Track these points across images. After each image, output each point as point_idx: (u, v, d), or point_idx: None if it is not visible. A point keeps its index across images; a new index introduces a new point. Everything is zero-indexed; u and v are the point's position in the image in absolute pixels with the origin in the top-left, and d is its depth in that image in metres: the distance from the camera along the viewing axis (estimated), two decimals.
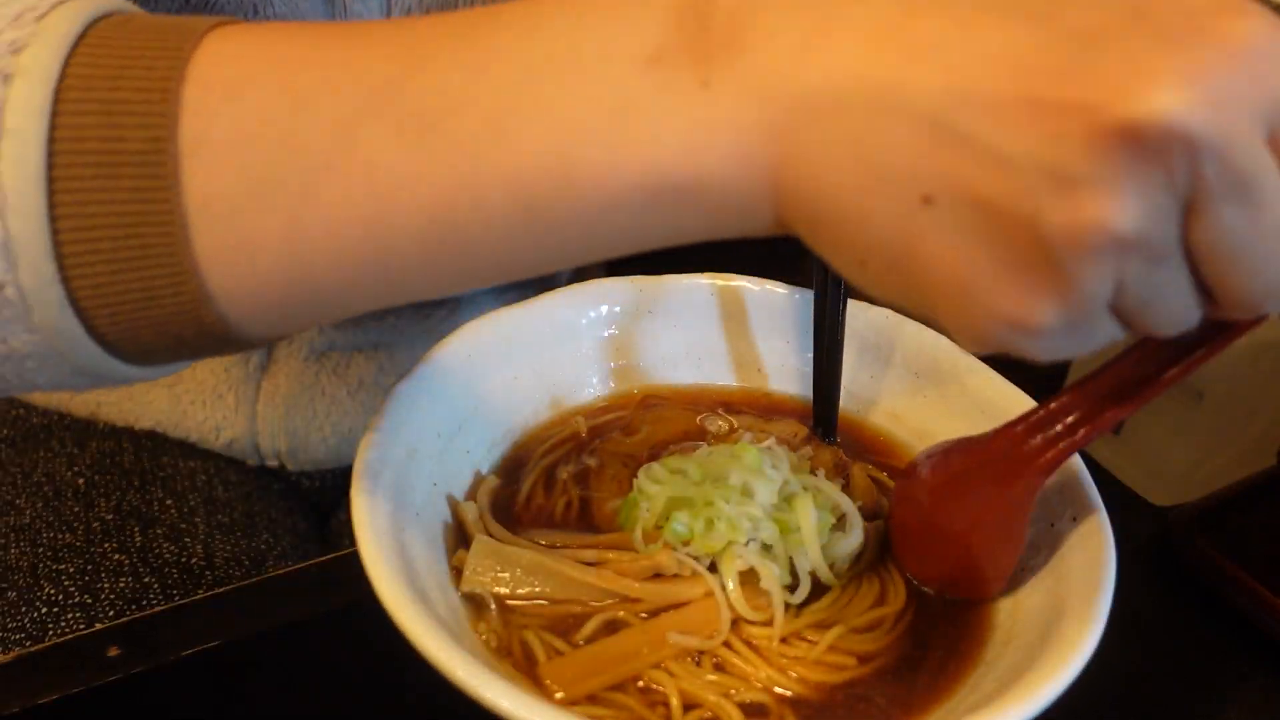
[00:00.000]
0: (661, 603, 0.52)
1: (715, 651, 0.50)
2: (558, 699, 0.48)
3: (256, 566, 0.82)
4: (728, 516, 0.52)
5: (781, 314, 0.66)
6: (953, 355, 0.63)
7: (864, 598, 0.54)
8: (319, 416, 0.89)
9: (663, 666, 0.50)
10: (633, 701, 0.49)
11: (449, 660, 0.43)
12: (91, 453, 0.86)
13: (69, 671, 0.56)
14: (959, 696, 0.49)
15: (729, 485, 0.53)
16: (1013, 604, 0.53)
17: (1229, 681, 0.63)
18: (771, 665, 0.50)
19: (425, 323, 0.91)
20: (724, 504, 0.52)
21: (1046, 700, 0.44)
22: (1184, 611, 0.66)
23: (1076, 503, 0.54)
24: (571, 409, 0.64)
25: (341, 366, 0.89)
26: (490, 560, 0.52)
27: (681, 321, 0.66)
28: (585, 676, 0.49)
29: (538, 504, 0.58)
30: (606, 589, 0.52)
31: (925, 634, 0.53)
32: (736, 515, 0.52)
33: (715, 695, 0.49)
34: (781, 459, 0.56)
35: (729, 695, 0.49)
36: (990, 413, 0.60)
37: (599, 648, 0.50)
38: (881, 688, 0.50)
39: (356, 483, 0.49)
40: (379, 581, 0.45)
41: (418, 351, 0.91)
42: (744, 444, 0.56)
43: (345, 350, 0.89)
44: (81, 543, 0.78)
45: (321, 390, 0.89)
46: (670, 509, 0.54)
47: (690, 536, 0.53)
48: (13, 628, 0.73)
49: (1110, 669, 0.47)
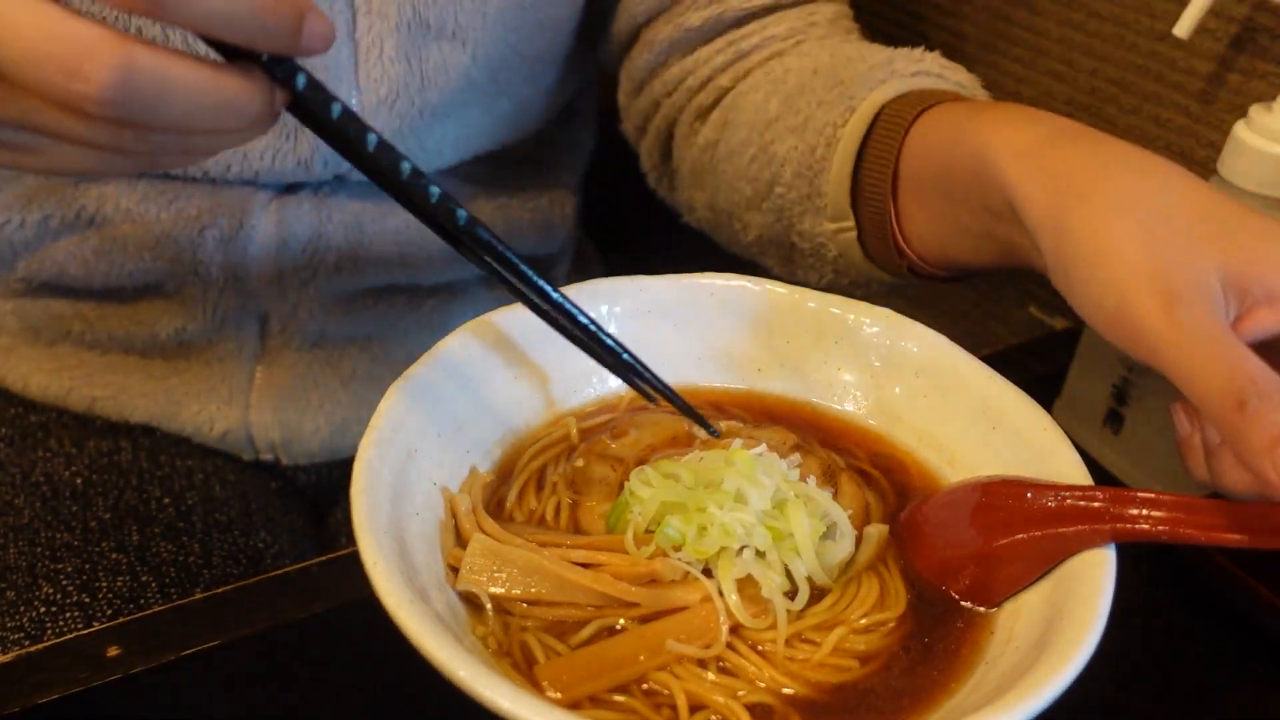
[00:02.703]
0: (659, 608, 0.52)
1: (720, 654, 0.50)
2: (553, 700, 0.48)
3: (254, 564, 0.82)
4: (720, 523, 0.52)
5: (781, 314, 0.66)
6: (953, 355, 0.63)
7: (864, 600, 0.54)
8: (312, 408, 0.89)
9: (667, 668, 0.50)
10: (637, 703, 0.48)
11: (449, 660, 0.43)
12: (89, 452, 0.86)
13: (68, 671, 0.56)
14: (960, 696, 0.49)
15: (722, 491, 0.53)
16: (1013, 605, 0.53)
17: (1229, 681, 0.63)
18: (776, 667, 0.50)
19: (417, 313, 0.91)
20: (716, 510, 0.52)
21: (1046, 700, 0.44)
22: (1184, 611, 0.66)
23: None
24: (566, 410, 0.64)
25: (335, 357, 0.89)
26: (487, 559, 0.52)
27: (681, 321, 0.66)
28: (583, 680, 0.49)
29: (529, 506, 0.58)
30: (603, 592, 0.52)
31: (926, 634, 0.53)
32: (730, 521, 0.52)
33: (723, 696, 0.49)
34: (773, 465, 0.56)
35: (736, 696, 0.49)
36: (990, 412, 0.60)
37: (597, 650, 0.50)
38: (884, 687, 0.50)
39: (356, 482, 0.49)
40: (379, 581, 0.45)
41: (411, 342, 0.92)
42: (738, 449, 0.56)
43: (338, 341, 0.89)
44: (79, 542, 0.78)
45: (315, 381, 0.89)
46: (663, 513, 0.54)
47: (681, 541, 0.52)
48: (11, 627, 0.73)
49: (1110, 669, 0.47)
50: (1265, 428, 0.44)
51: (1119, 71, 0.92)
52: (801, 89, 0.77)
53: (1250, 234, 0.50)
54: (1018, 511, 0.53)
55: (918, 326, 0.65)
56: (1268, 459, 0.44)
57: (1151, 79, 0.90)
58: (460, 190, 0.90)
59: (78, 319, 0.87)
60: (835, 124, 0.72)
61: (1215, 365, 0.47)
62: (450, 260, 0.90)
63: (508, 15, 0.81)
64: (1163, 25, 0.86)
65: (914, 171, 0.69)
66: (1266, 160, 0.68)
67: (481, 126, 0.87)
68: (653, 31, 0.86)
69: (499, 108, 0.87)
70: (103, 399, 0.88)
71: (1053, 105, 0.98)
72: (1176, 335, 0.48)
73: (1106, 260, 0.51)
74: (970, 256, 0.68)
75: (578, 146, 1.03)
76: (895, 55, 0.75)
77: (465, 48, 0.80)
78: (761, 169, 0.78)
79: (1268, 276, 0.49)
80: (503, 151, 0.91)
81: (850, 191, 0.72)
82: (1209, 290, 0.49)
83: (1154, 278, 0.49)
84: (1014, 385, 0.61)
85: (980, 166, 0.60)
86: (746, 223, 0.82)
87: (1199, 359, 0.47)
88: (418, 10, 0.78)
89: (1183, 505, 0.49)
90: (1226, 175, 0.69)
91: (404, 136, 0.81)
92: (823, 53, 0.79)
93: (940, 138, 0.67)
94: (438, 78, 0.80)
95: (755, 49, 0.83)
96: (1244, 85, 0.83)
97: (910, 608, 0.54)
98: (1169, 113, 0.89)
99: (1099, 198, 0.53)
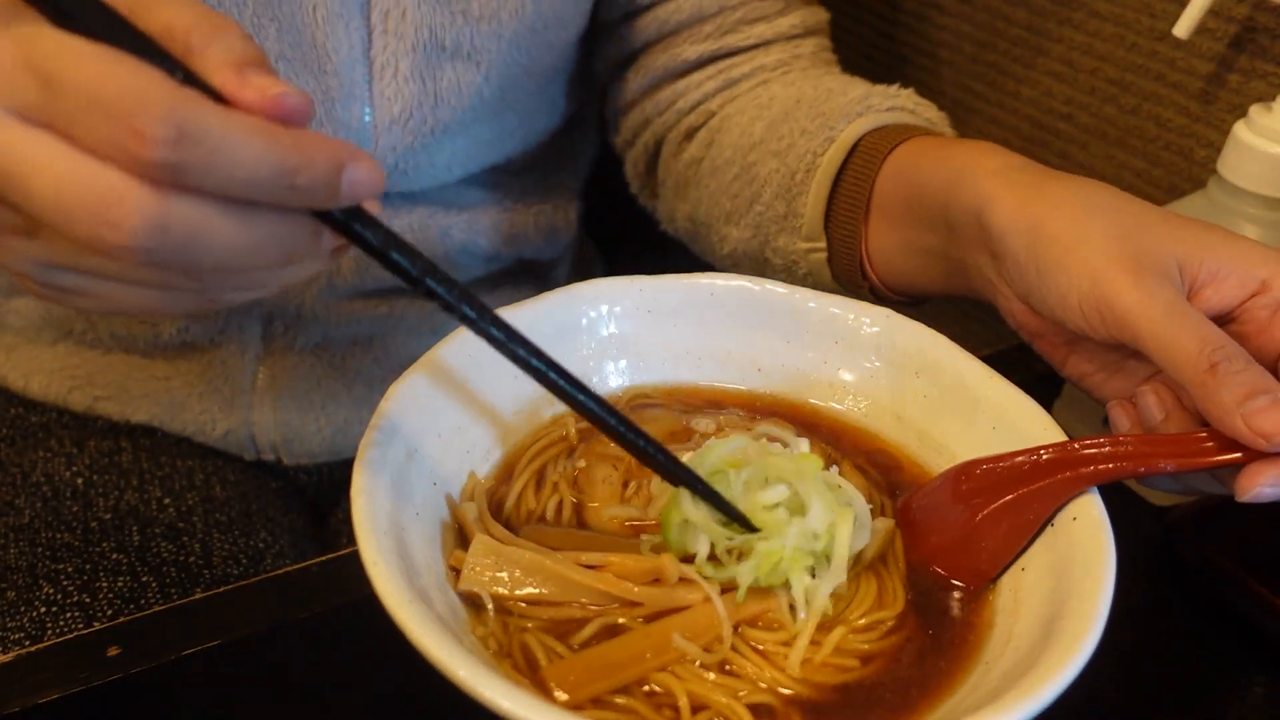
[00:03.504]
0: (662, 607, 0.52)
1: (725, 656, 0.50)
2: (561, 702, 0.48)
3: (254, 565, 0.82)
4: (792, 560, 0.52)
5: (781, 314, 0.66)
6: (953, 355, 0.63)
7: (862, 600, 0.54)
8: (314, 408, 0.89)
9: (668, 669, 0.50)
10: (639, 704, 0.48)
11: (449, 660, 0.43)
12: (90, 452, 0.86)
13: (68, 671, 0.56)
14: (960, 695, 0.49)
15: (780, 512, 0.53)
16: (1013, 603, 0.53)
17: (1229, 681, 0.63)
18: (775, 667, 0.50)
19: (419, 315, 0.92)
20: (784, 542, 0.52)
21: (1047, 699, 0.44)
22: (1184, 611, 0.66)
23: (1076, 503, 0.54)
24: (564, 410, 0.64)
25: (337, 358, 0.90)
26: (489, 560, 0.52)
27: (681, 321, 0.66)
28: (589, 680, 0.49)
29: (528, 507, 0.58)
30: (606, 592, 0.52)
31: (926, 630, 0.53)
32: (796, 555, 0.52)
33: (724, 697, 0.49)
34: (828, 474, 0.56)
35: (738, 697, 0.49)
36: (990, 412, 0.60)
37: (602, 651, 0.50)
38: (882, 687, 0.50)
39: (356, 483, 0.49)
40: (379, 581, 0.45)
41: (412, 344, 0.92)
42: (806, 454, 0.56)
43: (341, 342, 0.90)
44: (80, 542, 0.78)
45: (317, 382, 0.89)
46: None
47: (756, 578, 0.52)
48: (12, 627, 0.73)
49: (1110, 668, 0.47)
50: (1235, 386, 0.51)
51: (1119, 71, 0.92)
52: (785, 116, 0.82)
53: (1196, 228, 0.58)
54: (994, 481, 0.56)
55: (918, 326, 0.65)
56: (1238, 414, 0.50)
57: (1151, 79, 0.90)
58: (468, 198, 0.92)
59: (80, 318, 0.87)
60: (815, 152, 0.78)
61: (1186, 333, 0.52)
62: (451, 264, 0.91)
63: (521, 37, 0.83)
64: (1163, 25, 0.86)
65: (885, 198, 0.74)
66: (1266, 160, 0.68)
67: (489, 141, 0.89)
68: (649, 58, 0.91)
69: (506, 123, 0.89)
70: (104, 399, 0.88)
71: (1053, 105, 0.98)
72: (1148, 308, 0.54)
73: (1080, 249, 0.57)
74: (925, 279, 0.74)
75: (581, 154, 1.06)
76: (872, 91, 0.81)
77: (479, 68, 0.82)
78: (744, 186, 0.83)
79: (1209, 260, 0.56)
80: (509, 163, 0.93)
81: (824, 215, 0.78)
82: (1170, 273, 0.55)
83: (1124, 260, 0.55)
84: (1014, 385, 0.61)
85: (955, 184, 0.65)
86: (724, 236, 0.86)
87: (1171, 328, 0.53)
88: (434, 33, 0.79)
89: (1143, 441, 0.54)
90: (1226, 175, 0.69)
91: (414, 153, 0.83)
92: (806, 83, 0.85)
93: (916, 166, 0.73)
94: (450, 97, 0.82)
95: (744, 77, 0.89)
96: (1244, 85, 0.83)
97: (909, 605, 0.54)
98: (1169, 113, 0.89)
99: (1070, 204, 0.59)
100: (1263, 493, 0.51)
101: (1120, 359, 0.61)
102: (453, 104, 0.82)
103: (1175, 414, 0.56)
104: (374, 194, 0.42)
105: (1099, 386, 0.62)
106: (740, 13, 0.88)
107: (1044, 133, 1.00)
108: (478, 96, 0.83)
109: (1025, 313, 0.63)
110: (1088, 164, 0.97)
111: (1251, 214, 0.69)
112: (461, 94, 0.82)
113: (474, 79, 0.82)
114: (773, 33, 0.89)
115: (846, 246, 0.77)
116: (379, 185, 0.42)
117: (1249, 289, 0.56)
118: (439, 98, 0.81)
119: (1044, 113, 0.99)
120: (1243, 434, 0.50)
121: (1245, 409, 0.50)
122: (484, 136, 0.88)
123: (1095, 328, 0.56)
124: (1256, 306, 0.56)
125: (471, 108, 0.83)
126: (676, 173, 0.92)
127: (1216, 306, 0.56)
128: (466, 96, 0.82)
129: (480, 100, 0.84)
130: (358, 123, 0.80)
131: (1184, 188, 0.89)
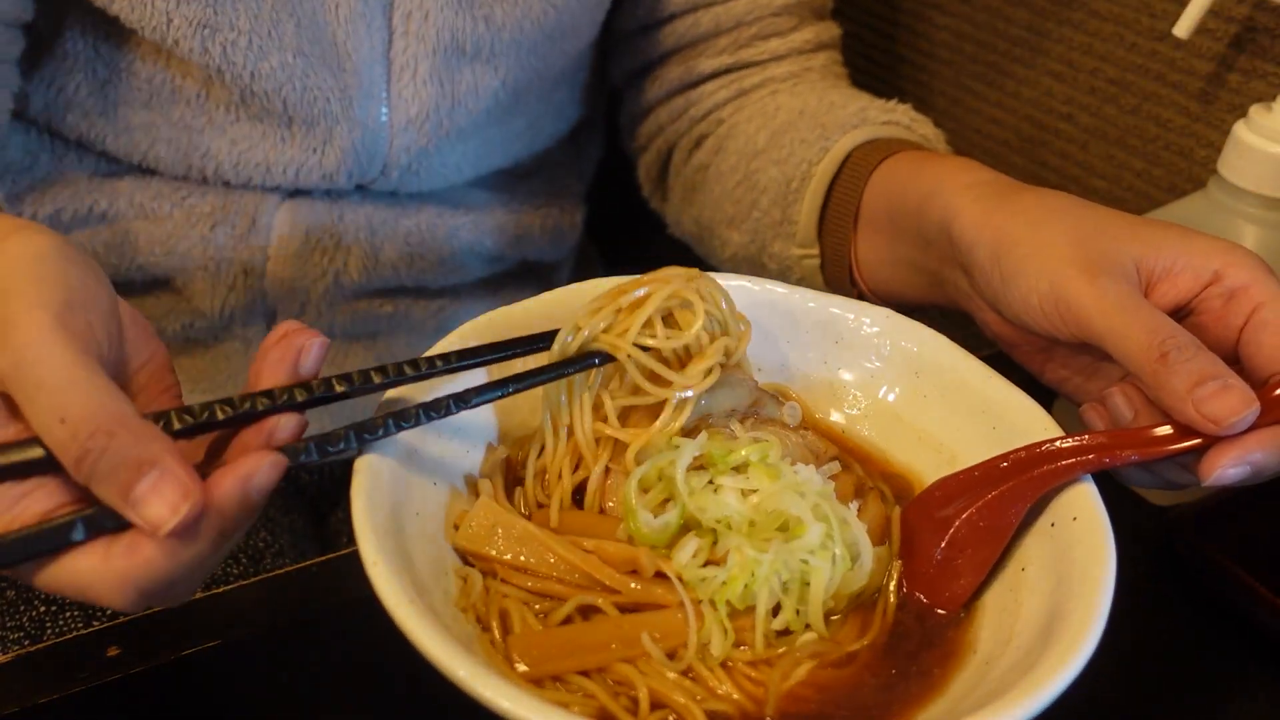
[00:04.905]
0: (638, 600, 0.52)
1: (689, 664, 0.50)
2: (520, 672, 0.49)
3: (254, 564, 0.82)
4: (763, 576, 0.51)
5: (781, 314, 0.66)
6: (953, 355, 0.63)
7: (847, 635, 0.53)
8: None
9: (634, 663, 0.50)
10: (598, 688, 0.49)
11: (450, 660, 0.43)
12: None
13: (68, 671, 0.56)
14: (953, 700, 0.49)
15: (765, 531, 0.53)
16: (1012, 604, 0.53)
17: (1229, 681, 0.63)
18: (737, 686, 0.50)
19: (422, 314, 0.92)
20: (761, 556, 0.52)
21: (1047, 700, 0.44)
22: (1184, 611, 0.66)
23: (1077, 503, 0.54)
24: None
25: (339, 357, 0.90)
26: (489, 520, 0.54)
27: None
28: (552, 657, 0.49)
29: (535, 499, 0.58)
30: (589, 572, 0.52)
31: (892, 664, 0.53)
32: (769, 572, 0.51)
33: (684, 698, 0.49)
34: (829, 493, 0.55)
35: (697, 700, 0.49)
36: (990, 412, 0.60)
37: (570, 632, 0.51)
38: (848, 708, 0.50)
39: (356, 482, 0.49)
40: (379, 581, 0.45)
41: (413, 342, 0.92)
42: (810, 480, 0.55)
43: (344, 340, 0.90)
44: None
45: None
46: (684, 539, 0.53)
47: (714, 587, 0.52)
48: (11, 627, 0.73)
49: (1110, 668, 0.47)
50: (1185, 375, 0.52)
51: (1119, 71, 0.92)
52: (788, 126, 0.84)
53: (1153, 228, 0.59)
54: (955, 496, 0.57)
55: (918, 326, 0.65)
56: (1189, 401, 0.52)
57: (1151, 79, 0.90)
58: (476, 199, 0.93)
59: None
60: (811, 161, 0.80)
61: (1138, 326, 0.54)
62: (457, 264, 0.91)
63: (539, 44, 0.84)
64: (1163, 25, 0.86)
65: (871, 210, 0.77)
66: (1266, 160, 0.68)
67: (499, 144, 0.90)
68: (666, 70, 0.93)
69: (515, 126, 0.90)
70: None
71: (1053, 105, 0.98)
72: (1102, 304, 0.55)
73: (1039, 253, 0.59)
74: (908, 290, 0.76)
75: (587, 158, 1.07)
76: (870, 105, 0.83)
77: (497, 73, 0.83)
78: (745, 193, 0.85)
79: (1163, 256, 0.58)
80: (517, 166, 0.95)
81: (818, 223, 0.79)
82: (1126, 271, 0.57)
83: (1080, 262, 0.57)
84: (1014, 385, 0.61)
85: (928, 200, 0.67)
86: (725, 239, 0.88)
87: (1124, 322, 0.55)
88: (455, 36, 0.80)
89: (1107, 435, 0.56)
90: (1226, 175, 0.69)
91: (428, 154, 0.83)
92: (812, 95, 0.87)
93: (897, 179, 0.75)
94: (468, 100, 0.83)
95: (755, 87, 0.91)
96: (1244, 85, 0.83)
97: (885, 632, 0.54)
98: (1169, 113, 0.89)
99: (1031, 210, 0.61)
100: (1225, 474, 0.52)
101: (1093, 362, 0.62)
102: (469, 107, 0.83)
103: (1144, 412, 0.56)
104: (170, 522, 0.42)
105: (1078, 391, 0.63)
106: (755, 28, 0.90)
107: (1044, 133, 1.00)
108: (493, 100, 0.84)
109: (999, 322, 0.64)
110: (1088, 164, 0.97)
111: (1251, 214, 0.69)
112: (478, 97, 0.83)
113: (491, 83, 0.83)
114: (786, 48, 0.91)
115: (837, 254, 0.79)
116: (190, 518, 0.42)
117: (1203, 280, 0.57)
118: (456, 100, 0.82)
119: (1044, 113, 0.99)
120: (1194, 420, 0.52)
121: (1195, 395, 0.51)
122: (495, 139, 0.89)
123: (1058, 328, 0.57)
124: (1211, 296, 0.57)
125: (486, 111, 0.85)
126: (685, 177, 0.94)
127: (1173, 300, 0.58)
128: (483, 100, 0.83)
129: (495, 104, 0.85)
130: (374, 122, 0.80)
131: (1184, 188, 0.89)
